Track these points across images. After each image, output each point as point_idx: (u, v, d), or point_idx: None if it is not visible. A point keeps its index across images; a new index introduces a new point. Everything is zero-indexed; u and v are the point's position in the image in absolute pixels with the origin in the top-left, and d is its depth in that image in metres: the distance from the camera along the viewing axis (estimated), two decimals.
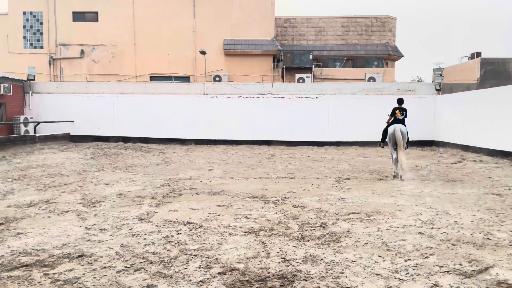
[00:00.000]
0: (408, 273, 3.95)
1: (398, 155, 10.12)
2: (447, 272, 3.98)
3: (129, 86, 21.04)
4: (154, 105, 20.26)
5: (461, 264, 4.18)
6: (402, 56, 27.77)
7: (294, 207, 6.84)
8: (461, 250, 4.63)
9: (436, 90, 19.67)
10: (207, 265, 4.12)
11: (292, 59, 24.00)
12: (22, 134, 18.33)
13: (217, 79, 23.89)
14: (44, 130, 19.60)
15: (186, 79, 25.29)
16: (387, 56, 26.89)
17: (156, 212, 6.45)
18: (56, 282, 3.71)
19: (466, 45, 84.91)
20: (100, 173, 11.04)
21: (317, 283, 3.69)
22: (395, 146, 10.25)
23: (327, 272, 3.95)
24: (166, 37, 25.19)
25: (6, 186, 8.84)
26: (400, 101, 10.86)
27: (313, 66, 24.57)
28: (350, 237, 5.08)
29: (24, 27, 25.17)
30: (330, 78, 24.79)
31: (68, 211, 6.56)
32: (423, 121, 19.47)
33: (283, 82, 23.62)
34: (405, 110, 10.68)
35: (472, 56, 20.48)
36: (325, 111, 19.62)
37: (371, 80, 22.42)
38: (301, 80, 21.80)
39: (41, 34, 25.13)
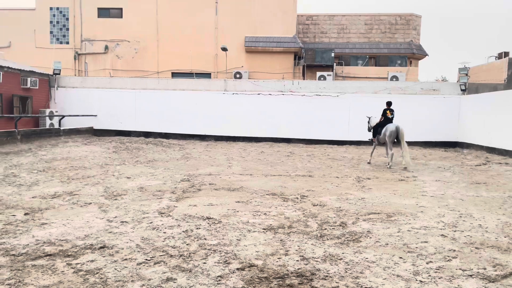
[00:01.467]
0: (430, 275, 3.87)
1: (404, 152, 12.00)
2: (471, 276, 3.89)
3: (151, 81, 21.29)
4: (175, 101, 20.46)
5: (485, 268, 4.08)
6: (427, 55, 27.20)
7: (313, 205, 6.80)
8: (485, 254, 4.51)
9: (461, 90, 19.19)
10: (226, 261, 4.14)
11: (314, 56, 23.80)
12: (47, 127, 18.79)
13: (237, 76, 23.92)
14: (68, 123, 20.04)
15: (207, 75, 25.41)
16: (411, 55, 26.38)
17: (176, 207, 6.52)
18: (79, 272, 3.79)
19: (493, 45, 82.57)
20: (121, 166, 11.22)
21: (336, 282, 3.66)
22: (395, 141, 12.22)
23: (346, 271, 3.91)
24: (188, 34, 25.36)
25: (31, 177, 9.09)
26: (389, 103, 13.11)
27: (334, 64, 24.31)
28: (370, 237, 5.02)
29: (51, 22, 25.75)
30: (351, 77, 24.49)
31: (90, 203, 6.70)
32: (446, 121, 19.07)
33: (303, 79, 23.46)
34: (393, 110, 12.99)
35: (499, 56, 19.87)
36: (346, 110, 19.42)
37: (394, 79, 22.05)
38: (322, 78, 21.62)
39: (67, 29, 25.67)
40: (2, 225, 5.25)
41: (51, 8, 25.59)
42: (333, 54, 23.88)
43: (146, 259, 4.14)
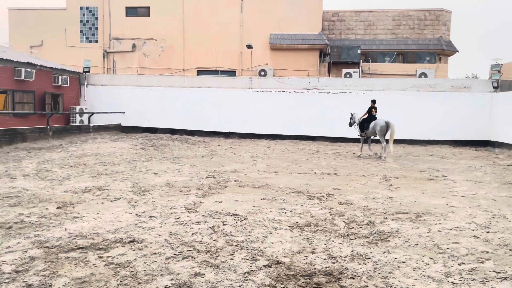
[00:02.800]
0: (462, 277, 3.77)
1: (389, 142, 13.61)
2: (505, 278, 3.76)
3: (177, 79, 21.55)
4: (200, 98, 20.65)
5: None
6: (457, 51, 26.41)
7: (340, 204, 6.73)
8: None
9: (494, 87, 18.55)
10: (253, 257, 4.15)
11: (340, 53, 23.50)
12: (77, 123, 19.33)
13: (262, 73, 23.90)
14: (97, 120, 20.54)
15: (232, 73, 25.51)
16: (441, 51, 25.68)
17: (203, 203, 6.58)
18: (110, 265, 3.88)
19: None
20: (149, 163, 11.42)
21: (365, 282, 3.61)
22: (384, 135, 13.80)
23: (375, 271, 3.86)
24: (214, 32, 25.51)
25: (63, 172, 9.36)
26: (374, 101, 14.63)
27: (361, 61, 23.94)
28: (399, 237, 4.92)
29: (81, 21, 26.43)
30: (378, 74, 24.06)
31: (120, 198, 6.85)
32: (477, 120, 18.49)
33: (329, 77, 23.23)
34: (377, 108, 14.48)
35: None
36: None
37: (423, 76, 21.52)
38: (348, 75, 21.33)
39: (96, 28, 26.28)
40: (36, 218, 5.44)
41: (81, 8, 26.26)
42: (359, 51, 23.52)
43: (174, 254, 4.20)
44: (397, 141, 19.18)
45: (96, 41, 26.28)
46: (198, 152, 14.56)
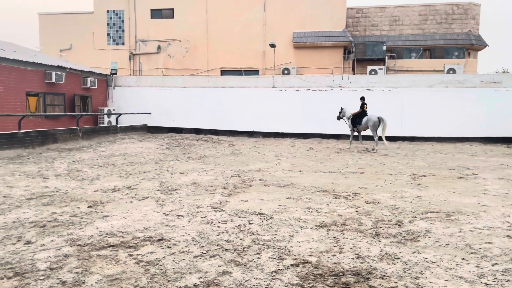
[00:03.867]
0: (496, 278, 3.65)
1: (383, 136, 14.75)
2: None
3: (202, 79, 21.76)
4: (224, 98, 20.78)
5: None
6: (486, 45, 25.57)
7: (367, 203, 6.64)
8: None
9: None
10: (280, 256, 4.15)
11: (364, 50, 23.17)
12: (105, 124, 19.81)
13: (285, 72, 23.84)
14: (124, 121, 20.99)
15: (255, 72, 25.56)
16: (469, 46, 24.93)
17: (228, 202, 6.63)
18: (140, 263, 3.96)
19: None
20: (175, 162, 11.58)
21: (395, 282, 3.56)
22: (377, 130, 14.79)
23: (405, 271, 3.79)
24: (237, 31, 25.62)
25: (93, 172, 9.62)
26: (363, 98, 15.51)
27: (386, 57, 23.52)
28: (429, 237, 4.82)
29: (108, 24, 27.06)
30: (405, 70, 23.58)
31: (147, 197, 6.98)
32: (509, 115, 17.86)
33: (353, 74, 22.94)
34: (367, 104, 15.42)
35: None
36: (398, 105, 18.77)
37: (451, 72, 20.95)
38: (373, 72, 21.01)
39: (123, 31, 26.85)
40: (68, 217, 5.61)
41: (108, 11, 26.88)
42: (384, 47, 23.12)
43: (202, 252, 4.25)
44: (424, 139, 18.83)
45: (123, 44, 26.86)
46: (223, 151, 14.66)
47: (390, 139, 18.78)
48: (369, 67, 21.59)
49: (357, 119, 15.23)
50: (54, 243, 4.49)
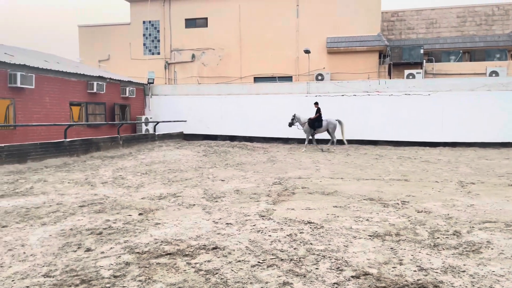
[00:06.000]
0: None
1: (343, 137, 17.13)
2: None
3: (236, 87, 21.94)
4: (258, 105, 20.85)
5: None
6: None
7: (418, 212, 6.44)
8: None
9: None
10: (338, 267, 4.08)
11: (401, 54, 22.69)
12: (143, 132, 20.29)
13: (319, 77, 23.68)
14: (161, 128, 21.43)
15: (288, 78, 25.53)
16: None
17: (275, 210, 6.60)
18: (199, 271, 3.99)
19: None
20: (214, 169, 11.68)
21: None
22: (334, 132, 16.83)
23: (473, 285, 3.63)
24: (269, 38, 25.72)
25: (137, 179, 9.84)
26: (317, 103, 16.96)
27: (424, 61, 22.94)
28: (492, 248, 4.61)
29: (144, 35, 27.82)
30: (443, 74, 22.92)
31: (194, 204, 7.05)
32: None
33: (390, 79, 22.49)
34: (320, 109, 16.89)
35: None
36: (438, 109, 18.24)
37: (493, 75, 20.19)
38: (410, 76, 20.53)
39: (158, 41, 27.52)
40: (122, 224, 5.74)
41: (144, 22, 27.66)
42: (422, 51, 22.57)
43: (259, 262, 4.23)
44: (466, 144, 18.16)
45: (158, 53, 27.52)
46: (259, 158, 14.68)
47: (430, 144, 18.31)
48: (406, 71, 21.11)
49: (316, 123, 16.58)
50: (113, 251, 4.60)
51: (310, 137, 17.31)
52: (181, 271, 3.98)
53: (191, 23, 27.02)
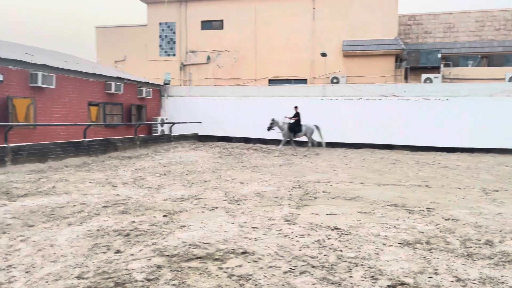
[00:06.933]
0: None
1: (322, 140, 17.20)
2: None
3: (251, 89, 21.93)
4: (273, 107, 20.76)
5: None
6: None
7: (445, 219, 6.33)
8: None
9: None
10: (373, 276, 4.01)
11: (418, 58, 22.47)
12: (159, 133, 20.38)
13: (334, 81, 23.55)
14: (176, 129, 21.51)
15: (303, 81, 25.45)
16: None
17: (299, 215, 6.54)
18: (232, 276, 3.95)
19: None
20: (231, 171, 11.67)
21: None
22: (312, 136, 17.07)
23: None
24: (285, 41, 25.67)
25: (156, 180, 9.86)
26: (297, 107, 17.00)
27: (441, 65, 22.67)
28: None
29: (160, 36, 27.99)
30: (460, 78, 22.62)
31: (217, 207, 7.03)
32: None
33: (406, 83, 22.28)
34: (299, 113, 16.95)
35: None
36: (456, 114, 18.00)
37: None
38: (428, 81, 20.31)
39: (174, 42, 27.67)
40: (148, 226, 5.74)
41: (160, 24, 27.83)
42: (439, 55, 22.31)
43: (290, 268, 4.18)
44: (484, 150, 17.86)
45: (174, 55, 27.65)
46: (275, 161, 14.64)
47: (447, 149, 18.07)
48: (424, 76, 20.88)
49: (296, 128, 16.67)
50: (143, 253, 4.59)
51: (288, 141, 17.36)
52: (214, 276, 3.95)
53: (207, 25, 27.11)
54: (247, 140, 21.15)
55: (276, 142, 20.60)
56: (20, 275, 3.97)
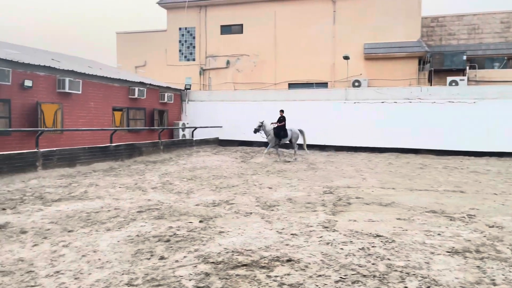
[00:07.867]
0: None
1: (304, 145, 17.08)
2: None
3: (272, 93, 21.85)
4: (294, 111, 20.62)
5: None
6: None
7: (489, 227, 6.12)
8: None
9: None
10: (429, 287, 3.86)
11: (442, 60, 22.07)
12: (180, 138, 20.46)
13: (356, 84, 23.32)
14: (197, 134, 21.55)
15: (324, 85, 25.26)
16: None
17: (337, 221, 6.41)
18: (282, 285, 3.86)
19: None
20: (256, 176, 11.59)
21: None
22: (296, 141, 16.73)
23: None
24: (305, 44, 25.55)
25: (184, 185, 9.84)
26: (283, 111, 16.69)
27: (467, 67, 22.22)
28: None
29: (180, 41, 28.19)
30: (486, 81, 22.13)
31: (251, 213, 6.95)
32: None
33: (430, 85, 21.90)
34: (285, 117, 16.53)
35: None
36: (484, 118, 17.58)
37: None
38: (453, 83, 19.92)
39: (194, 47, 27.83)
40: (186, 232, 5.69)
41: (180, 29, 28.04)
42: (465, 57, 21.87)
43: (341, 277, 4.06)
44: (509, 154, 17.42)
45: (193, 59, 27.81)
46: (298, 165, 14.51)
47: (475, 154, 17.65)
48: (449, 78, 20.49)
49: (282, 132, 16.21)
50: (187, 260, 4.53)
51: (274, 147, 16.87)
52: (264, 285, 3.86)
53: (226, 29, 27.20)
54: (267, 144, 21.01)
55: (298, 146, 20.45)
56: (69, 281, 3.95)
